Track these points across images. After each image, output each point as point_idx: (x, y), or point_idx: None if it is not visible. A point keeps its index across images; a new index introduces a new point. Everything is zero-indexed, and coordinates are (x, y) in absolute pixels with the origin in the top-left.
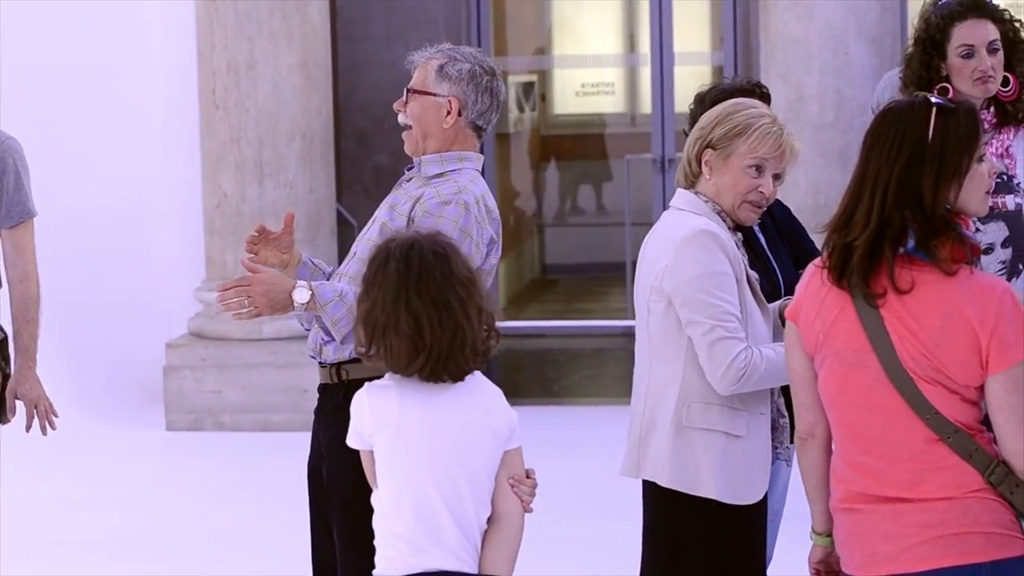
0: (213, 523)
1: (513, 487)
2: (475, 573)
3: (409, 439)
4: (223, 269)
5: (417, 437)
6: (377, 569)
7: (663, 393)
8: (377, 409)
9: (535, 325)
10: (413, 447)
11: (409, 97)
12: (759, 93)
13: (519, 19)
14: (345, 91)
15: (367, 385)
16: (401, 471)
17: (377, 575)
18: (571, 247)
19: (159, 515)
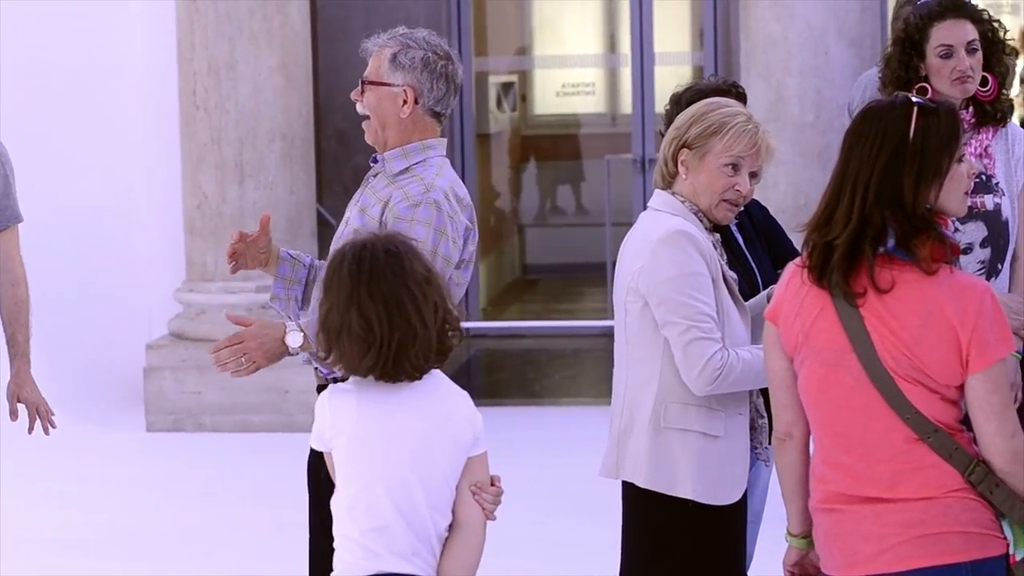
0: (194, 524)
1: (475, 494)
2: None
3: (365, 444)
4: (203, 270)
5: (373, 442)
6: (334, 572)
7: (641, 394)
8: (336, 412)
9: (516, 325)
10: (368, 452)
11: (364, 87)
12: (735, 93)
13: (500, 20)
14: (325, 92)
15: (330, 387)
16: (357, 475)
17: None
18: (552, 247)
19: (139, 516)
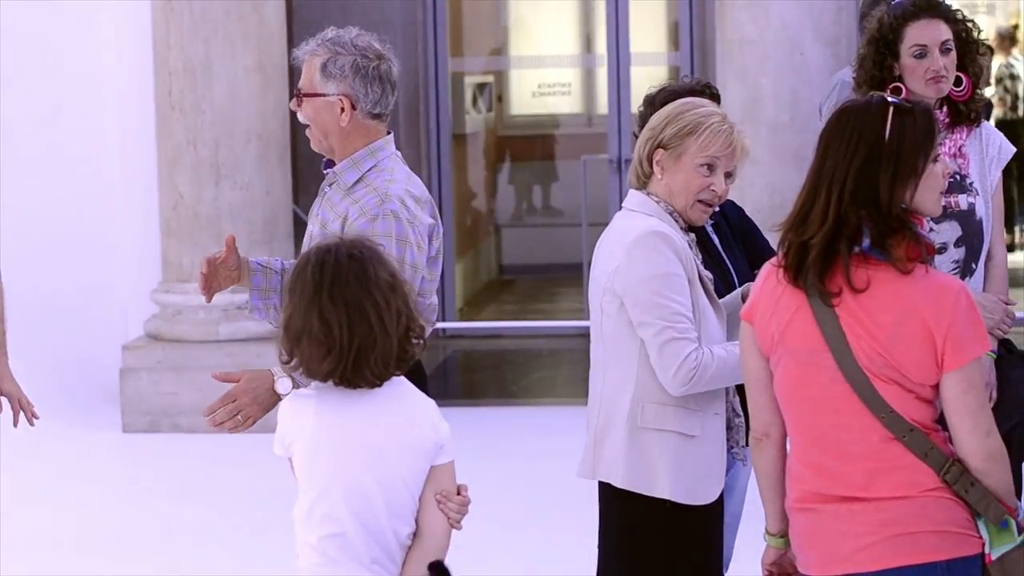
0: (170, 524)
1: (440, 503)
2: None
3: (322, 449)
4: (179, 271)
5: (330, 447)
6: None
7: (618, 394)
8: (295, 417)
9: (492, 326)
10: (325, 457)
11: (301, 99)
12: (709, 94)
13: (475, 20)
14: None
15: (291, 393)
16: (314, 481)
17: None
18: (528, 248)
19: (115, 517)
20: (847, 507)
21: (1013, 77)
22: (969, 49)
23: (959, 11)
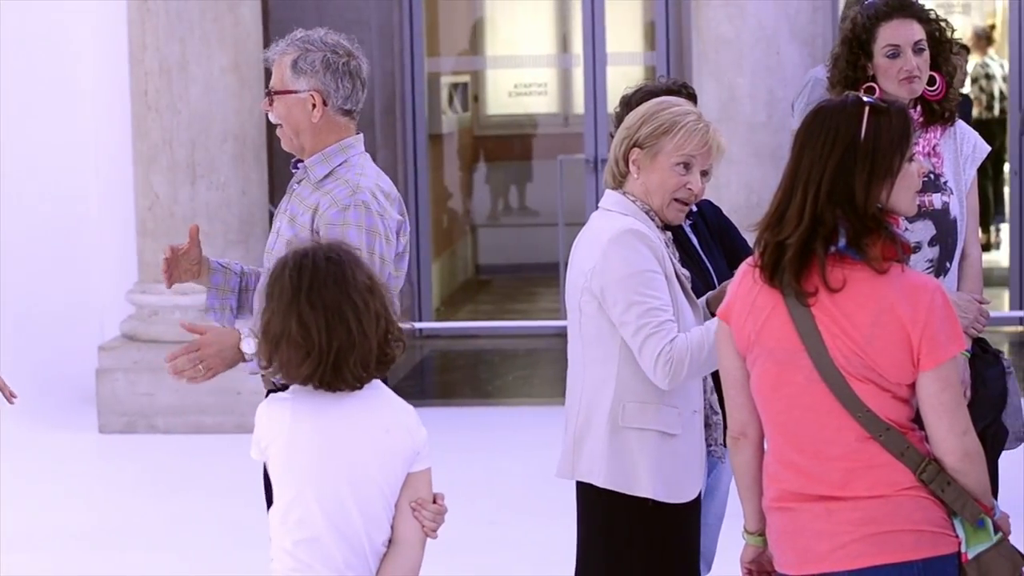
0: (146, 524)
1: (415, 511)
2: None
3: (297, 453)
4: (155, 271)
5: (305, 451)
6: None
7: (598, 394)
8: (271, 421)
9: (468, 326)
10: (300, 461)
11: (272, 98)
12: (685, 94)
13: (451, 20)
14: None
15: (268, 397)
16: (289, 485)
17: None
18: (504, 247)
19: (92, 517)
20: (824, 506)
21: (989, 77)
22: (943, 49)
23: (932, 11)
